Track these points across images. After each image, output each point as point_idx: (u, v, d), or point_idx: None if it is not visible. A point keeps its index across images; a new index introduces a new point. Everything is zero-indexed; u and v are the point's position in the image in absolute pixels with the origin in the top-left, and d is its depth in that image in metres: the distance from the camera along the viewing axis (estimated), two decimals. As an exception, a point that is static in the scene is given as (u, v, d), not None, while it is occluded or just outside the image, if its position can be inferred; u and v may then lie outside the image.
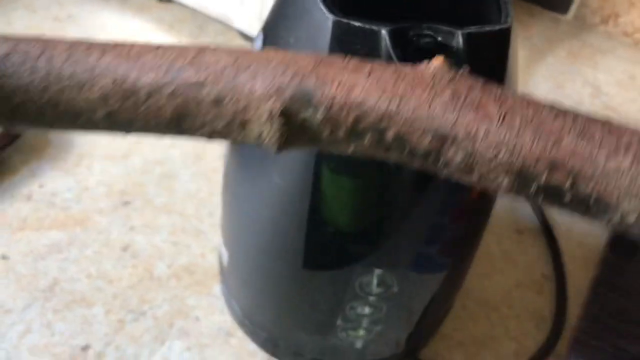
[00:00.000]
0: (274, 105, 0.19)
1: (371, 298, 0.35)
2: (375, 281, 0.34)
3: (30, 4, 0.67)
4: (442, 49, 0.27)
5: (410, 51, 0.27)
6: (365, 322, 0.37)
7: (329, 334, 0.38)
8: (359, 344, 0.39)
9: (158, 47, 0.21)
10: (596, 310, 0.47)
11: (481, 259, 0.50)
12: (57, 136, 0.54)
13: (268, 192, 0.33)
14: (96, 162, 0.53)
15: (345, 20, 0.27)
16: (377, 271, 0.34)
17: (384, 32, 0.26)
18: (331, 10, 0.27)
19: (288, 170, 0.31)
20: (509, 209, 0.53)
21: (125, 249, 0.47)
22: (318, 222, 0.32)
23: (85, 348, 0.41)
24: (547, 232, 0.52)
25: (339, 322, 0.37)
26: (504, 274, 0.49)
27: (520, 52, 0.68)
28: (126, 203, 0.50)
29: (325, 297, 0.36)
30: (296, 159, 0.30)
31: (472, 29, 0.27)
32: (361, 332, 0.38)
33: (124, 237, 0.48)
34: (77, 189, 0.51)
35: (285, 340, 0.41)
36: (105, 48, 0.21)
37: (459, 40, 0.27)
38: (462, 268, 0.40)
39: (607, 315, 0.47)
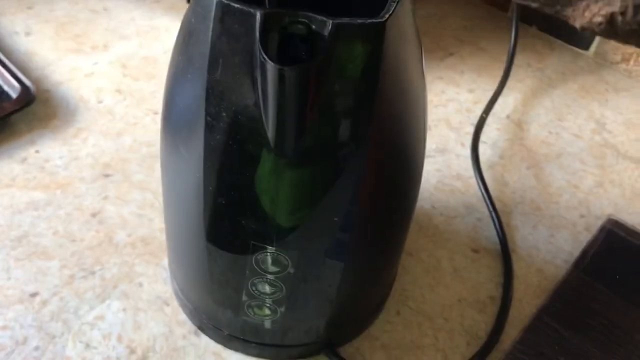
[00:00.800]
0: None
1: (269, 276, 0.37)
2: (269, 259, 0.36)
3: (75, -5, 0.74)
4: (314, 37, 0.30)
5: (283, 36, 0.30)
6: (268, 301, 0.39)
7: (239, 310, 0.40)
8: (267, 324, 0.41)
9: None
10: (534, 336, 0.46)
11: (429, 271, 0.50)
12: (64, 109, 0.60)
13: (176, 165, 0.36)
14: (92, 137, 0.58)
15: (226, 1, 0.30)
16: (270, 249, 0.36)
17: (258, 14, 0.29)
18: (218, -9, 0.30)
19: (190, 140, 0.34)
20: (470, 226, 0.54)
21: (94, 215, 0.51)
22: (212, 196, 0.34)
23: (33, 294, 0.46)
24: (505, 254, 0.52)
25: (244, 297, 0.39)
26: (449, 288, 0.49)
27: (529, 82, 0.68)
28: (107, 175, 0.54)
29: (230, 271, 0.38)
30: (195, 129, 0.33)
31: (344, 19, 0.29)
32: (267, 311, 0.40)
33: (97, 204, 0.52)
34: (68, 157, 0.56)
35: (206, 313, 0.43)
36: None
37: (329, 29, 0.29)
38: (373, 266, 0.41)
39: (544, 343, 0.46)
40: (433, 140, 0.61)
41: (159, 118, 0.60)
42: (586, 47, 0.74)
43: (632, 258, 0.52)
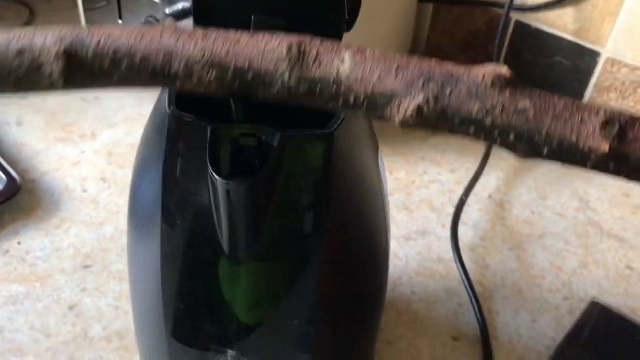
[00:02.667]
0: (59, 48, 0.24)
1: (232, 378, 0.37)
2: (231, 362, 0.36)
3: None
4: (264, 148, 0.30)
5: (234, 149, 0.31)
6: (234, 402, 0.38)
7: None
8: None
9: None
10: None
11: (408, 360, 0.49)
12: (48, 200, 0.61)
13: (137, 268, 0.36)
14: (74, 227, 0.58)
15: (179, 114, 0.31)
16: (231, 352, 0.35)
17: (208, 128, 0.30)
18: (171, 104, 0.31)
19: (148, 245, 0.34)
20: (451, 312, 0.53)
21: (72, 307, 0.51)
22: (170, 300, 0.34)
23: (5, 394, 0.45)
24: (485, 342, 0.51)
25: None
26: (428, 379, 0.48)
27: (511, 161, 0.69)
28: (87, 266, 0.55)
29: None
30: (152, 235, 0.34)
31: (292, 131, 0.30)
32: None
33: (75, 297, 0.52)
34: (50, 249, 0.56)
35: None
36: None
37: (277, 141, 0.30)
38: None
39: None
40: (414, 222, 0.61)
41: (141, 206, 0.61)
42: (568, 123, 0.75)
43: (616, 344, 0.51)
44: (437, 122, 0.24)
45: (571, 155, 0.25)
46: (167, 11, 0.63)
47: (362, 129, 0.34)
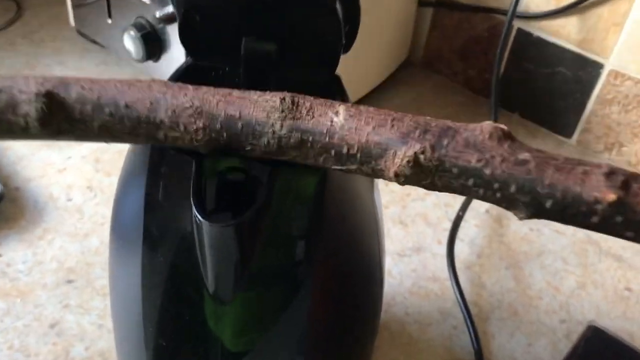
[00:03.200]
0: (40, 88, 0.22)
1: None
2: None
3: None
4: (254, 183, 0.28)
5: (220, 183, 0.29)
6: None
7: None
8: None
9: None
10: None
11: (400, 386, 0.48)
12: (31, 208, 0.58)
13: (117, 290, 0.34)
14: (58, 238, 0.56)
15: (159, 148, 0.29)
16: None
17: (193, 161, 0.28)
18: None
19: (129, 280, 0.33)
20: (446, 335, 0.51)
21: (53, 326, 0.50)
22: (152, 336, 0.33)
23: (-19, 418, 0.43)
24: (480, 367, 0.49)
25: None
26: (421, 406, 0.47)
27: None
28: (70, 281, 0.53)
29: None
30: (133, 271, 0.32)
31: (282, 167, 0.28)
32: None
33: (56, 314, 0.50)
34: (32, 262, 0.54)
35: None
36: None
37: (266, 176, 0.28)
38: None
39: None
40: (409, 237, 0.60)
41: (127, 217, 0.59)
42: (569, 135, 0.73)
43: (614, 371, 0.50)
44: (434, 172, 0.22)
45: (576, 208, 0.24)
46: (157, 14, 0.61)
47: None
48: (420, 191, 0.65)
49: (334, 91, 0.33)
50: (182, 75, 0.33)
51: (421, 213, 0.63)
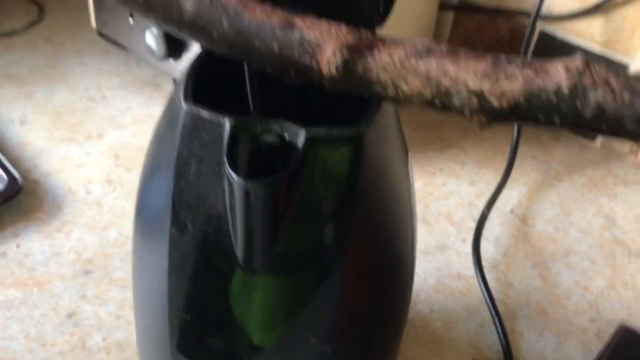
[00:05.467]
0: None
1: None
2: (241, 380, 0.33)
3: (75, 84, 0.74)
4: (287, 147, 0.28)
5: (254, 145, 0.28)
6: None
7: None
8: None
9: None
10: None
11: (426, 383, 0.46)
12: (50, 201, 0.58)
13: (142, 272, 0.33)
14: (76, 230, 0.56)
15: (195, 109, 0.28)
16: (241, 369, 0.32)
17: (227, 123, 0.27)
18: (187, 98, 0.28)
19: (154, 250, 0.32)
20: (472, 332, 0.50)
21: (70, 315, 0.48)
22: (176, 311, 0.31)
23: (-5, 406, 0.42)
24: (508, 365, 0.48)
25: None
26: (447, 403, 0.45)
27: (533, 175, 0.66)
28: (87, 272, 0.52)
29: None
30: (160, 239, 0.31)
31: (320, 129, 0.27)
32: None
33: (73, 304, 0.49)
34: (50, 252, 0.53)
35: None
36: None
37: (302, 139, 0.27)
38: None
39: None
40: (432, 236, 0.59)
41: (147, 211, 0.58)
42: (593, 137, 0.72)
43: (648, 371, 0.48)
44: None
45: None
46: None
47: (391, 130, 0.31)
48: (444, 190, 0.64)
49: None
50: (201, 63, 0.32)
51: (444, 212, 0.61)
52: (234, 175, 0.26)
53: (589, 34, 0.68)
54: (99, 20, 0.80)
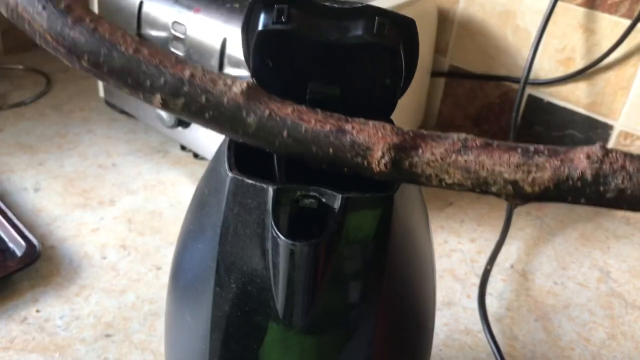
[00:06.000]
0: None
1: None
2: None
3: (84, 152, 0.76)
4: (325, 210, 0.30)
5: (294, 210, 0.30)
6: None
7: None
8: None
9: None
10: None
11: None
12: (67, 266, 0.59)
13: (181, 332, 0.35)
14: (94, 294, 0.57)
15: (240, 177, 0.31)
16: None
17: (270, 189, 0.30)
18: (231, 167, 0.31)
19: (197, 308, 0.34)
20: (483, 387, 0.52)
21: (93, 378, 0.50)
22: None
23: None
24: (520, 417, 0.49)
25: None
26: None
27: (529, 231, 0.69)
28: (108, 336, 0.53)
29: None
30: (203, 298, 0.33)
31: (353, 193, 0.30)
32: None
33: (95, 367, 0.50)
34: (69, 317, 0.55)
35: None
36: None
37: (338, 203, 0.30)
38: None
39: None
40: (440, 292, 0.61)
41: (162, 274, 0.60)
42: (582, 195, 0.75)
43: (654, 418, 0.50)
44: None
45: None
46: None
47: (414, 193, 0.34)
48: (446, 248, 0.67)
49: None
50: None
51: (448, 269, 0.64)
52: (281, 236, 0.28)
53: (574, 98, 0.73)
54: (107, 90, 0.83)
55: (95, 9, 0.76)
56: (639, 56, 0.67)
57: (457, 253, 0.66)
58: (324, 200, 0.30)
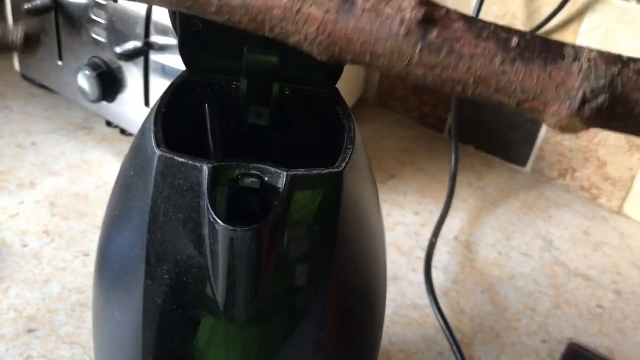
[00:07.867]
0: None
1: None
2: None
3: (0, 130, 0.70)
4: (269, 189, 0.27)
5: (233, 189, 0.27)
6: None
7: None
8: None
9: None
10: None
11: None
12: (-17, 258, 0.54)
13: (111, 330, 0.32)
14: (15, 286, 0.52)
15: (169, 155, 0.27)
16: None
17: (205, 168, 0.26)
18: (159, 145, 0.28)
19: (126, 304, 0.30)
20: (433, 364, 0.50)
21: (15, 379, 0.45)
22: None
23: None
24: (471, 392, 0.48)
25: None
26: None
27: (472, 202, 0.68)
28: (31, 331, 0.49)
29: None
30: (133, 292, 0.29)
31: (300, 171, 0.27)
32: None
33: (18, 366, 0.46)
34: (-13, 312, 0.50)
35: None
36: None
37: (284, 181, 0.27)
38: None
39: None
40: (384, 268, 0.59)
41: (90, 260, 0.55)
42: (523, 163, 0.75)
43: (600, 386, 0.50)
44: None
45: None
46: (118, 50, 0.59)
47: (363, 168, 0.32)
48: (390, 221, 0.65)
49: (335, 102, 0.33)
50: (176, 90, 0.32)
51: (393, 243, 0.62)
52: (219, 221, 0.25)
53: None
54: (23, 63, 0.77)
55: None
56: (579, 22, 0.66)
57: (401, 226, 0.64)
58: (266, 179, 0.27)
